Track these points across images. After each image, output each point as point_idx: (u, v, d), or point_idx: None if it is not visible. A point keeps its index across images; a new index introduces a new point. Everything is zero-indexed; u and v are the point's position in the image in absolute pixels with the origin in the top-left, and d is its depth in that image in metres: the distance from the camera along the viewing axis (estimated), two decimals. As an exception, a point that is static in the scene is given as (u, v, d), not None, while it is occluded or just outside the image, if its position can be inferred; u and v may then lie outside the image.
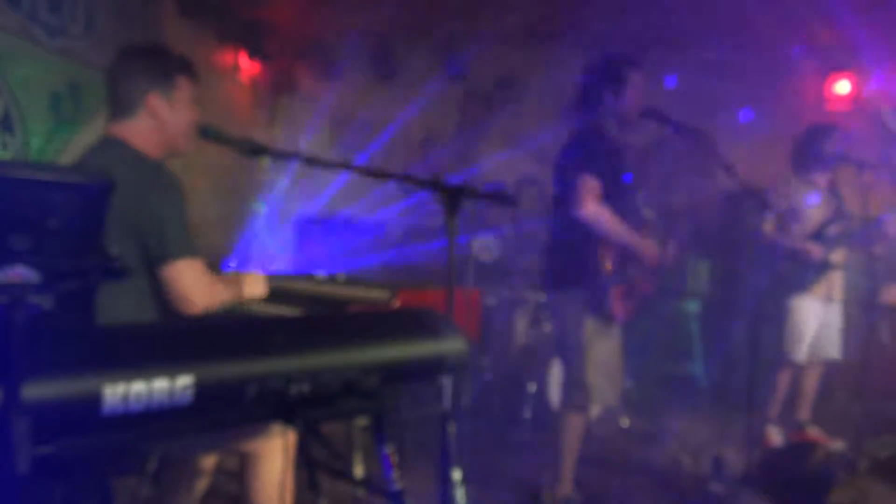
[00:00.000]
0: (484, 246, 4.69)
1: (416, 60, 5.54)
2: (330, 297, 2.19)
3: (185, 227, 1.85)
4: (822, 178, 3.86)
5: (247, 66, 5.47)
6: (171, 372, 1.13)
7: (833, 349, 3.88)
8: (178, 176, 1.92)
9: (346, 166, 2.00)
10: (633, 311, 2.92)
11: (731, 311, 5.15)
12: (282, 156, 1.94)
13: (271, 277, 2.24)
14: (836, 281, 3.85)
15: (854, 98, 5.38)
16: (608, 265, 2.78)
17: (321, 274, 2.86)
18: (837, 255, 3.81)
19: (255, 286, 2.11)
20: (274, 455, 1.92)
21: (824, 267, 3.76)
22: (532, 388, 4.10)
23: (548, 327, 4.31)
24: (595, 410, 3.03)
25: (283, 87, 5.84)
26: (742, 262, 5.02)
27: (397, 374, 1.55)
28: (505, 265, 4.72)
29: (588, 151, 2.79)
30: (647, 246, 2.89)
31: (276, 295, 2.20)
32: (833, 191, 3.88)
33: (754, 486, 2.99)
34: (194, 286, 1.81)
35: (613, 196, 2.79)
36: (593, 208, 2.72)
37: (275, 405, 1.26)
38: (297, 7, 5.00)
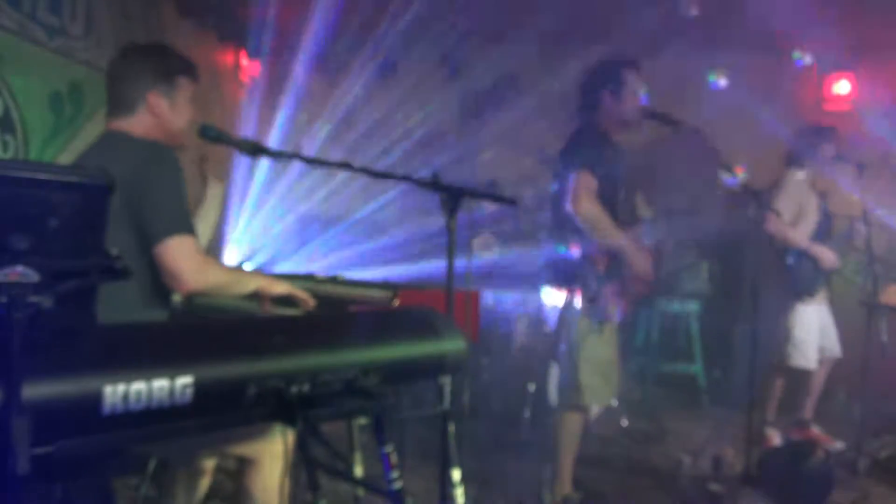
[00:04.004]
0: (484, 244, 4.68)
1: (416, 60, 5.53)
2: (330, 297, 2.18)
3: (181, 204, 1.81)
4: (814, 178, 3.85)
5: (247, 66, 5.47)
6: (171, 372, 1.13)
7: (836, 347, 3.89)
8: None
9: (347, 166, 2.00)
10: (627, 310, 2.90)
11: (731, 311, 5.14)
12: (282, 156, 1.94)
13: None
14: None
15: (854, 98, 5.38)
16: (602, 264, 2.77)
17: (321, 274, 2.86)
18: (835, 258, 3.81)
19: (274, 282, 2.01)
20: (273, 460, 1.89)
21: (829, 271, 3.76)
22: (532, 388, 4.10)
23: (547, 327, 4.30)
24: (594, 410, 3.02)
25: (283, 87, 5.83)
26: (742, 262, 5.02)
27: (397, 374, 1.55)
28: (505, 265, 4.71)
29: (586, 151, 2.79)
30: (637, 256, 2.82)
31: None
32: (818, 192, 3.87)
33: (754, 486, 2.99)
34: (185, 263, 1.76)
35: (609, 197, 2.78)
36: (587, 205, 2.70)
37: (275, 405, 1.26)
38: (297, 7, 5.00)
